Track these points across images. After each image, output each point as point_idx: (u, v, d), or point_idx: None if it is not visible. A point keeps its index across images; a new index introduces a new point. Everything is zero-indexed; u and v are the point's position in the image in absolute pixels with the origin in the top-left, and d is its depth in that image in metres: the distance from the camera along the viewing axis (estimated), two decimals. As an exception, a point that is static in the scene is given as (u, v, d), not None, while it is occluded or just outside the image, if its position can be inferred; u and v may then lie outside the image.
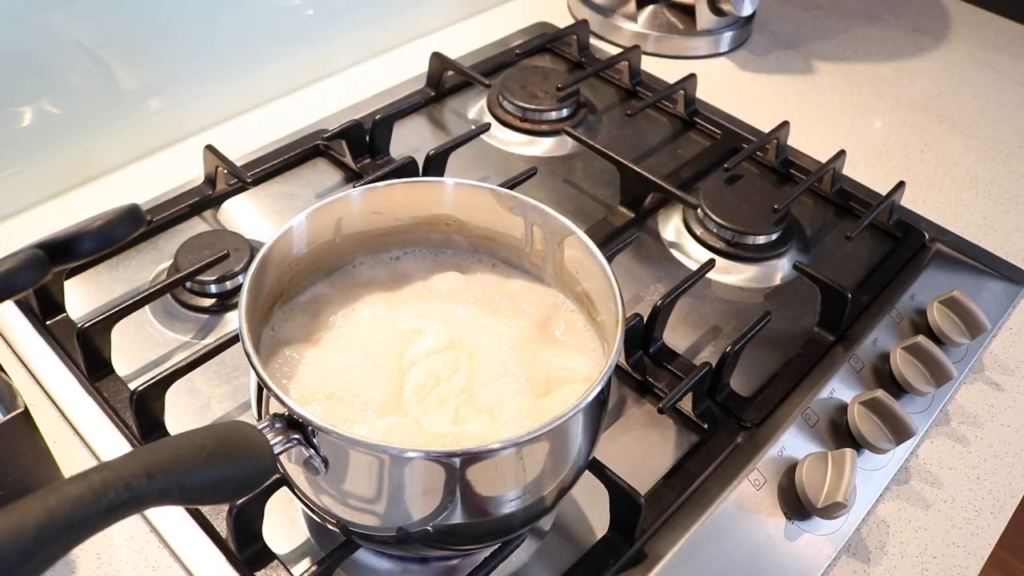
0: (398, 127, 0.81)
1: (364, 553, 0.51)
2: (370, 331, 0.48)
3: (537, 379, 0.46)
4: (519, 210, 0.51)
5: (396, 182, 0.51)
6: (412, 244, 0.53)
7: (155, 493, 0.32)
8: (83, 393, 0.58)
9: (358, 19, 0.92)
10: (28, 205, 0.73)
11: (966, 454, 0.61)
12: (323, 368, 0.45)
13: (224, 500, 0.36)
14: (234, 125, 0.84)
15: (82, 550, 0.51)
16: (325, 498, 0.42)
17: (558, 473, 0.43)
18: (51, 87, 0.71)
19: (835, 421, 0.60)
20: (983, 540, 0.56)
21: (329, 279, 0.51)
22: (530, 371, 0.46)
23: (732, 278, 0.71)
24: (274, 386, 0.38)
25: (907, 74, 1.01)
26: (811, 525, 0.54)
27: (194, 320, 0.63)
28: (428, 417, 0.43)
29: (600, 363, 0.47)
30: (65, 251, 0.33)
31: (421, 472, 0.39)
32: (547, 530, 0.53)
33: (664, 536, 0.53)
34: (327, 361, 0.46)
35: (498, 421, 0.44)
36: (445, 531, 0.42)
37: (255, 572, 0.49)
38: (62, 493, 0.30)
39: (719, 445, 0.58)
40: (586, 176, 0.81)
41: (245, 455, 0.36)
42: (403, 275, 0.52)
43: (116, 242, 0.34)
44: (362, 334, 0.47)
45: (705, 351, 0.65)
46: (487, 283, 0.52)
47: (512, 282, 0.53)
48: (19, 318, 0.62)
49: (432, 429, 0.43)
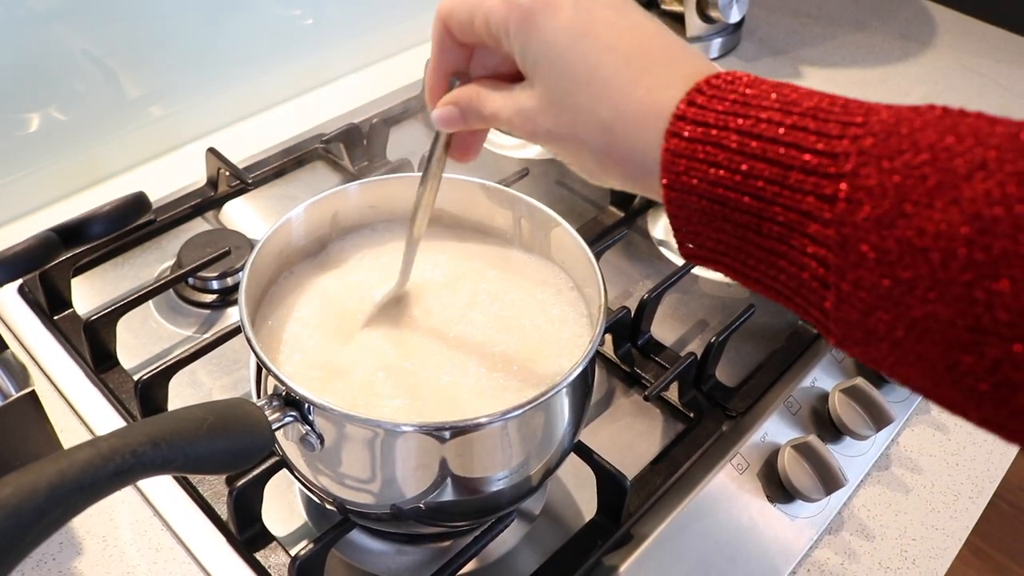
0: (394, 131, 0.83)
1: (359, 534, 0.53)
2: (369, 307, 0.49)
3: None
4: (507, 203, 0.53)
5: (391, 176, 0.53)
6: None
7: (159, 460, 0.34)
8: (89, 384, 0.60)
9: (356, 28, 0.94)
10: (37, 206, 0.75)
11: (945, 441, 0.63)
12: (319, 344, 0.47)
13: (224, 470, 0.38)
14: (235, 130, 0.86)
15: (88, 533, 0.53)
16: (321, 476, 0.44)
17: (543, 449, 0.45)
18: (58, 94, 0.74)
19: (816, 409, 0.62)
20: (961, 523, 0.58)
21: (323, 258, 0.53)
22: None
23: (718, 274, 0.73)
24: (269, 363, 0.40)
25: (894, 79, 1.03)
26: (793, 508, 0.56)
27: (196, 315, 0.66)
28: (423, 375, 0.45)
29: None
30: (76, 234, 0.35)
31: (413, 446, 0.41)
32: (537, 514, 0.55)
33: (650, 519, 0.54)
34: (323, 338, 0.48)
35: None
36: (437, 507, 0.44)
37: (255, 553, 0.51)
38: (73, 457, 0.32)
39: (704, 433, 0.60)
40: (577, 178, 0.81)
41: (244, 429, 0.38)
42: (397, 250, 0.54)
43: (124, 226, 0.36)
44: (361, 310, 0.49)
45: (692, 343, 0.67)
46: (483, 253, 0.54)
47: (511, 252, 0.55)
48: (27, 313, 0.64)
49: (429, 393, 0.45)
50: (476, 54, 0.40)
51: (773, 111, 0.30)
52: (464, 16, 0.37)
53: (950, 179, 0.25)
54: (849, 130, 0.28)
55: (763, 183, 0.29)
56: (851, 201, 0.27)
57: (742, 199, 0.30)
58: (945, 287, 0.25)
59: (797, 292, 0.30)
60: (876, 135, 0.27)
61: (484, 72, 0.40)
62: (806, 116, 0.29)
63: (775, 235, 0.30)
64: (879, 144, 0.27)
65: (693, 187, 0.31)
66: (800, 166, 0.28)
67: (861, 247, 0.27)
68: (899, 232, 0.26)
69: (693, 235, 0.33)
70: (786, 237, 0.29)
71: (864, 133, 0.27)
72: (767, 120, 0.30)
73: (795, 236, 0.29)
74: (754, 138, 0.30)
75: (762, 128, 0.30)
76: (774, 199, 0.29)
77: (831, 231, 0.27)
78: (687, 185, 0.31)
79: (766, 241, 0.30)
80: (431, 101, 0.41)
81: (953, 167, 0.25)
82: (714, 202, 0.31)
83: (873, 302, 0.27)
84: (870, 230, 0.26)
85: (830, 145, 0.28)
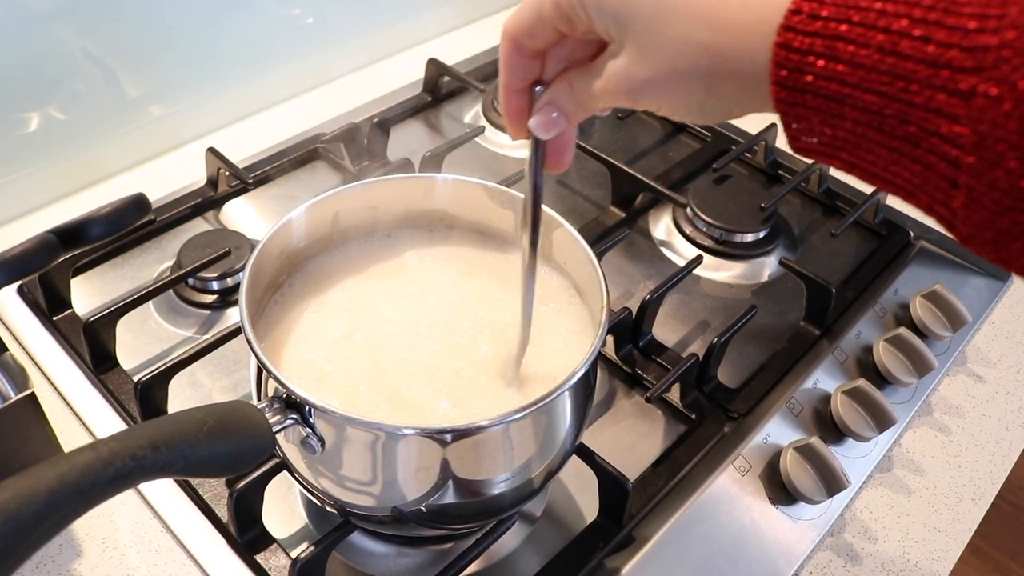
0: (395, 131, 0.83)
1: (360, 537, 0.52)
2: (370, 308, 0.49)
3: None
4: (509, 204, 0.53)
5: (392, 177, 0.53)
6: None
7: (159, 464, 0.34)
8: (88, 386, 0.60)
9: (356, 27, 0.94)
10: (37, 206, 0.75)
11: (948, 443, 0.63)
12: (321, 348, 0.47)
13: (224, 474, 0.38)
14: (235, 130, 0.86)
15: (88, 535, 0.52)
16: (322, 478, 0.44)
17: (545, 452, 0.44)
18: (58, 94, 0.74)
19: (819, 410, 0.61)
20: (963, 526, 0.58)
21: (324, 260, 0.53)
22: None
23: (720, 275, 0.73)
24: (271, 366, 0.40)
25: None
26: (795, 510, 0.56)
27: (196, 316, 0.65)
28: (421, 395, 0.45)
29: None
30: (76, 236, 0.35)
31: (414, 449, 0.40)
32: (538, 516, 0.55)
33: (652, 521, 0.54)
34: (325, 341, 0.47)
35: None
36: (438, 510, 0.44)
37: (255, 555, 0.51)
38: (72, 461, 0.32)
39: (706, 434, 0.59)
40: (579, 178, 0.83)
41: (245, 432, 0.38)
42: (398, 251, 0.54)
43: (123, 228, 0.36)
44: (363, 312, 0.49)
45: (694, 345, 0.67)
46: (486, 258, 0.54)
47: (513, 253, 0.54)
48: (27, 314, 0.64)
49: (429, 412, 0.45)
50: (548, 59, 0.39)
51: (898, 3, 0.28)
52: (532, 16, 0.37)
53: None
54: (988, 23, 0.26)
55: (889, 79, 0.28)
56: (990, 97, 0.26)
57: (864, 96, 0.29)
58: None
59: (921, 188, 0.29)
60: (1019, 27, 0.26)
61: (562, 68, 0.39)
62: (936, 9, 0.27)
63: (900, 133, 0.28)
64: (1022, 37, 0.25)
65: (807, 84, 0.30)
66: (931, 60, 0.27)
67: (999, 146, 0.26)
68: None
69: (807, 130, 0.31)
70: (913, 136, 0.28)
71: (1007, 24, 0.26)
72: (893, 13, 0.28)
73: (923, 134, 0.28)
74: (879, 31, 0.28)
75: (887, 21, 0.28)
76: (899, 95, 0.28)
77: (967, 129, 0.26)
78: (801, 83, 0.30)
79: (890, 139, 0.29)
80: (516, 122, 0.40)
81: None
82: (832, 100, 0.29)
83: (1009, 203, 0.26)
84: (1011, 128, 0.25)
85: (967, 38, 0.26)
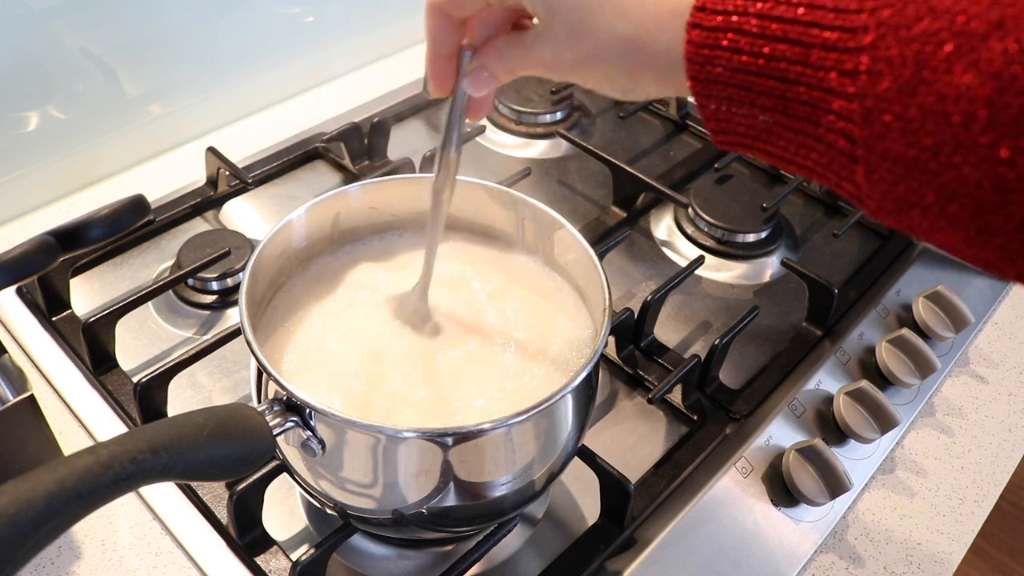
0: (395, 130, 0.83)
1: (360, 539, 0.52)
2: (371, 309, 0.49)
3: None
4: (510, 205, 0.52)
5: (392, 178, 0.52)
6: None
7: (159, 468, 0.34)
8: (88, 386, 0.60)
9: (357, 26, 0.94)
10: (36, 206, 0.75)
11: (951, 444, 0.63)
12: (322, 349, 0.47)
13: (224, 477, 0.37)
14: (235, 129, 0.86)
15: (87, 537, 0.52)
16: (323, 481, 0.43)
17: (547, 454, 0.44)
18: (58, 93, 0.73)
19: (821, 412, 0.61)
20: (966, 527, 0.58)
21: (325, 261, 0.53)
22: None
23: (722, 275, 0.73)
24: (271, 368, 0.40)
25: None
26: (797, 512, 0.56)
27: (196, 316, 0.65)
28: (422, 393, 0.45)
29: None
30: (75, 238, 0.34)
31: (415, 451, 0.40)
32: (540, 518, 0.55)
33: (653, 523, 0.54)
34: (326, 342, 0.47)
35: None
36: (439, 512, 0.43)
37: (255, 557, 0.50)
38: (71, 465, 0.32)
39: (708, 436, 0.59)
40: (580, 177, 0.82)
41: (245, 435, 0.38)
42: (399, 251, 0.54)
43: (122, 230, 0.36)
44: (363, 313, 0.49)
45: (695, 345, 0.67)
46: (487, 257, 0.54)
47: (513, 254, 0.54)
48: (26, 314, 0.64)
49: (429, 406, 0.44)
50: (474, 24, 0.40)
51: None
52: None
53: (968, 42, 0.26)
54: (867, 3, 0.28)
55: (786, 64, 0.30)
56: (872, 73, 0.28)
57: (767, 82, 0.31)
58: (968, 150, 0.26)
59: (829, 168, 0.31)
60: (893, 5, 0.28)
61: (488, 33, 0.41)
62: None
63: (802, 115, 0.30)
64: (896, 14, 0.27)
65: (718, 76, 0.32)
66: (820, 43, 0.29)
67: (884, 118, 0.27)
68: (920, 99, 0.26)
69: (724, 123, 0.33)
70: (812, 116, 0.30)
71: (881, 4, 0.28)
72: (786, 2, 0.30)
73: (821, 113, 0.30)
74: (774, 20, 0.30)
75: (781, 10, 0.30)
76: (798, 79, 0.30)
77: (855, 105, 0.28)
78: (712, 74, 0.32)
79: (794, 122, 0.31)
80: (441, 83, 0.42)
81: (970, 29, 0.26)
82: (740, 88, 0.32)
83: (900, 171, 0.28)
84: (892, 100, 0.27)
85: (848, 20, 0.28)
